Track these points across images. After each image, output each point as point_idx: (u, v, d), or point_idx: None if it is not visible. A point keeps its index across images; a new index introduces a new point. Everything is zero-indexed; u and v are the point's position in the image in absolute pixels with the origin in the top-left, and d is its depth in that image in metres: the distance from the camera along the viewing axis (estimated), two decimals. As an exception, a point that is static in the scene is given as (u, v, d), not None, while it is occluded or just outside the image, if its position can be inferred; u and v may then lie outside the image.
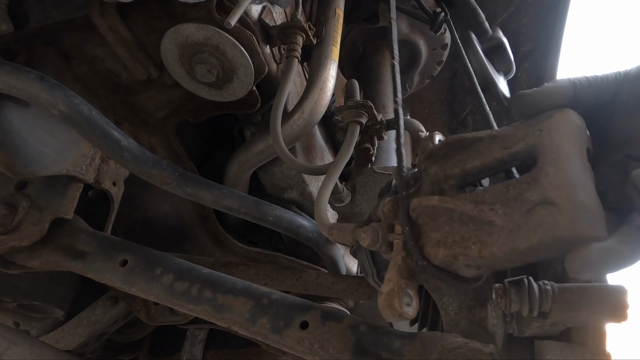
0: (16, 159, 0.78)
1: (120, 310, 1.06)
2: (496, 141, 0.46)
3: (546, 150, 0.41)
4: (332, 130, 1.35)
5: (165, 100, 1.00)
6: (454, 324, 0.63)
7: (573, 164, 0.39)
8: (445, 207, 0.46)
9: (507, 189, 0.42)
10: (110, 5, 0.78)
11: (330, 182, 0.74)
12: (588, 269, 0.37)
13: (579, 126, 0.42)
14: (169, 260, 0.83)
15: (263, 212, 0.99)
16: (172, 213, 1.17)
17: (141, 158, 0.84)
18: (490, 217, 0.42)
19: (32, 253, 0.86)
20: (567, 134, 0.41)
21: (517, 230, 0.40)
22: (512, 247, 0.40)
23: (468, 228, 0.44)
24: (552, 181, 0.39)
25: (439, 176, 0.49)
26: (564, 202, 0.37)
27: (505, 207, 0.42)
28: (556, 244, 0.38)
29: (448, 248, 0.45)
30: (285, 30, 0.95)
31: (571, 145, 0.40)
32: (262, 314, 0.70)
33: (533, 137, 0.43)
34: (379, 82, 1.51)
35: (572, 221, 0.37)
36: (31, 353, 0.82)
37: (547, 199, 0.38)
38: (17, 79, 0.72)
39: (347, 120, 0.86)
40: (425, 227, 0.48)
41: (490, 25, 1.36)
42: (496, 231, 0.41)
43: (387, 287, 0.46)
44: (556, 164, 0.39)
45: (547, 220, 0.38)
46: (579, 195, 0.37)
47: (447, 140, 0.50)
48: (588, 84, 0.46)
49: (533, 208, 0.39)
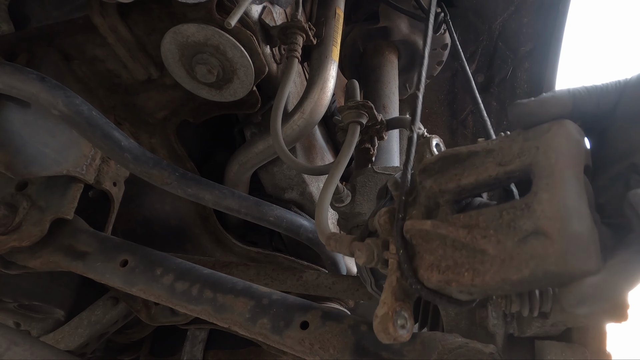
0: (17, 159, 0.78)
1: (121, 310, 1.06)
2: (492, 156, 0.45)
3: (541, 172, 0.40)
4: (332, 130, 1.35)
5: (166, 100, 1.00)
6: (454, 324, 0.63)
7: (568, 189, 0.38)
8: (438, 232, 0.46)
9: (501, 214, 0.42)
10: (110, 5, 0.78)
11: (331, 185, 0.74)
12: (584, 305, 0.37)
13: (577, 141, 0.41)
14: (169, 260, 0.83)
15: (263, 213, 0.99)
16: (172, 213, 1.17)
17: (141, 158, 0.84)
18: (483, 246, 0.42)
19: (32, 253, 0.86)
20: (563, 152, 0.40)
21: (509, 261, 0.39)
22: (504, 278, 0.39)
23: (461, 254, 0.44)
24: (545, 209, 0.38)
25: (434, 190, 0.49)
26: (557, 234, 0.37)
27: (499, 234, 0.41)
28: (548, 277, 0.37)
29: (441, 273, 0.44)
30: (286, 30, 0.95)
31: (567, 167, 0.39)
32: (263, 314, 0.70)
33: (529, 156, 0.42)
34: (380, 82, 1.51)
35: (564, 255, 0.36)
36: (32, 353, 0.82)
37: (539, 229, 0.38)
38: (17, 80, 0.72)
39: (347, 120, 0.86)
40: (419, 248, 0.48)
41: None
42: (489, 260, 0.41)
43: (382, 311, 0.46)
44: (550, 191, 0.38)
45: (539, 252, 0.37)
46: (573, 226, 0.37)
47: (442, 154, 0.50)
48: (587, 94, 0.45)
49: (525, 238, 0.39)
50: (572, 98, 0.45)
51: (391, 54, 1.61)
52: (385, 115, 1.38)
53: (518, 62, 1.70)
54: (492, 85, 1.80)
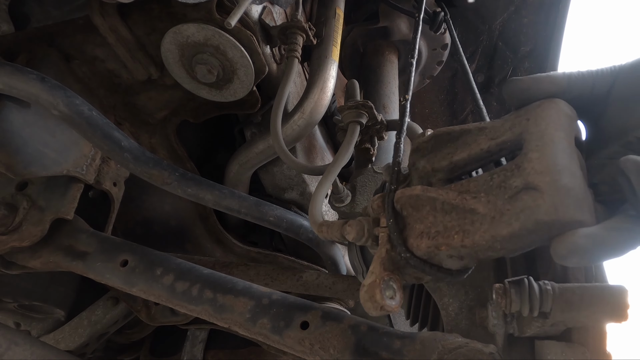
0: (17, 159, 0.78)
1: (121, 310, 1.07)
2: (484, 133, 0.46)
3: (532, 137, 0.40)
4: (332, 130, 1.35)
5: (166, 100, 1.00)
6: (454, 324, 0.63)
7: (558, 149, 0.38)
8: (428, 196, 0.45)
9: (492, 177, 0.42)
10: (110, 5, 0.78)
11: (327, 180, 0.74)
12: (574, 255, 0.36)
13: (567, 115, 0.42)
14: (169, 260, 0.83)
15: (263, 213, 0.99)
16: (172, 213, 1.17)
17: (142, 158, 0.84)
18: (473, 205, 0.41)
19: (32, 253, 0.86)
20: (553, 121, 0.40)
21: (500, 217, 0.39)
22: (494, 235, 0.39)
23: (451, 217, 0.43)
24: (535, 166, 0.38)
25: (427, 169, 0.49)
26: (547, 187, 0.36)
27: (489, 195, 0.41)
28: (539, 229, 0.37)
29: (431, 239, 0.44)
30: (286, 30, 0.95)
31: (557, 131, 0.39)
32: (263, 314, 0.70)
33: (520, 126, 0.42)
34: (379, 82, 1.51)
35: (554, 205, 0.36)
36: (32, 353, 0.82)
37: (530, 184, 0.37)
38: (17, 80, 0.72)
39: (347, 120, 0.86)
40: (409, 219, 0.48)
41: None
42: (478, 219, 0.41)
43: (369, 279, 0.45)
44: (540, 150, 0.38)
45: (530, 205, 0.37)
46: (563, 180, 0.36)
47: (435, 133, 0.50)
48: (582, 76, 0.46)
49: (516, 194, 0.38)
50: (567, 79, 0.46)
51: (391, 54, 1.61)
52: (385, 115, 1.38)
53: (518, 62, 1.70)
54: (492, 85, 1.80)
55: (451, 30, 1.34)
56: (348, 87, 0.95)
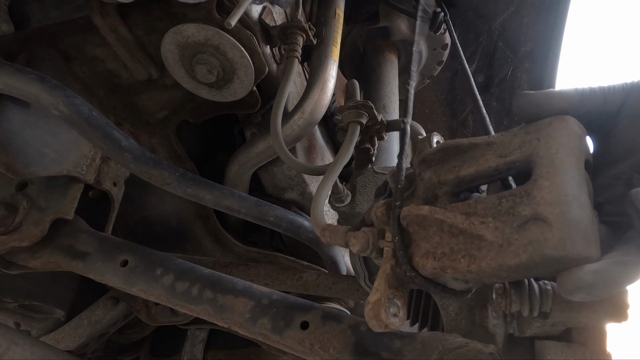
0: (17, 159, 0.78)
1: (121, 310, 1.07)
2: (492, 148, 0.45)
3: (542, 161, 0.40)
4: (332, 130, 1.35)
5: (166, 100, 1.00)
6: (454, 324, 0.63)
7: (568, 178, 0.38)
8: (435, 217, 0.45)
9: (500, 201, 0.41)
10: (110, 5, 0.78)
11: (328, 181, 0.74)
12: (580, 291, 0.36)
13: (578, 135, 0.41)
14: (169, 260, 0.83)
15: (263, 213, 0.99)
16: (172, 213, 1.17)
17: (142, 158, 0.84)
18: (481, 231, 0.41)
19: (32, 253, 0.86)
20: (564, 144, 0.40)
21: (507, 246, 0.39)
22: (501, 264, 0.39)
23: (458, 240, 0.43)
24: (545, 196, 0.37)
25: (433, 181, 0.48)
26: (556, 220, 0.36)
27: (497, 220, 0.40)
28: (546, 263, 0.37)
29: (437, 260, 0.44)
30: (286, 30, 0.95)
31: (568, 157, 0.39)
32: (263, 314, 0.70)
33: (530, 147, 0.42)
34: (380, 82, 1.51)
35: (563, 240, 0.35)
36: (32, 353, 0.82)
37: (539, 215, 0.37)
38: (17, 80, 0.72)
39: (347, 120, 0.86)
40: (415, 235, 0.47)
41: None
42: (486, 246, 0.40)
43: (374, 297, 0.45)
44: (551, 178, 0.38)
45: (538, 237, 0.37)
46: (573, 213, 0.36)
47: (443, 145, 0.49)
48: (594, 93, 0.45)
49: (524, 224, 0.38)
50: (580, 95, 0.45)
51: (391, 54, 1.61)
52: (385, 115, 1.38)
53: (518, 62, 1.70)
54: (492, 85, 1.80)
55: (451, 31, 1.34)
56: (348, 87, 0.95)
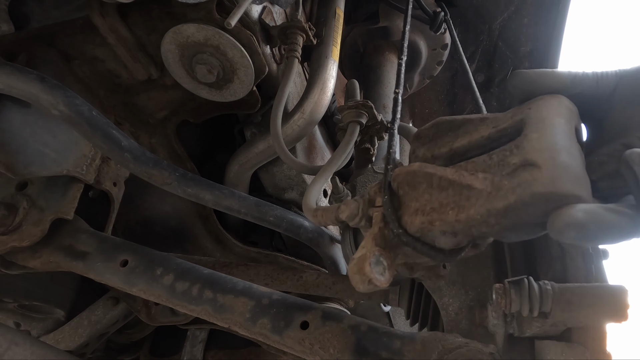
0: (17, 159, 0.78)
1: (121, 310, 1.06)
2: (485, 122, 0.46)
3: (532, 121, 0.41)
4: (332, 130, 1.35)
5: (166, 100, 1.00)
6: (454, 324, 0.63)
7: (558, 131, 0.39)
8: (425, 171, 0.45)
9: (491, 157, 0.42)
10: (110, 5, 0.78)
11: (322, 176, 0.73)
12: (571, 229, 0.34)
13: (568, 108, 0.43)
14: (169, 260, 0.83)
15: (263, 213, 0.99)
16: (172, 213, 1.17)
17: (142, 158, 0.84)
18: (470, 181, 0.41)
19: (32, 253, 0.86)
20: (555, 108, 0.41)
21: (496, 192, 0.39)
22: (489, 208, 0.38)
23: (447, 194, 0.43)
24: (534, 145, 0.38)
25: (426, 157, 0.49)
26: (546, 162, 0.36)
27: (487, 172, 0.41)
28: (536, 201, 0.36)
29: (425, 215, 0.44)
30: (286, 30, 0.95)
31: (558, 117, 0.40)
32: (263, 314, 0.70)
33: (521, 114, 0.43)
34: (380, 82, 1.51)
35: (552, 178, 0.36)
36: (32, 353, 0.82)
37: (528, 160, 0.38)
38: (17, 80, 0.72)
39: (347, 120, 0.86)
40: (405, 197, 0.47)
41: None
42: (475, 194, 0.40)
43: (359, 253, 0.44)
44: (540, 131, 0.39)
45: (527, 178, 0.37)
46: (562, 157, 0.37)
47: (437, 121, 0.50)
48: (586, 76, 0.47)
49: (514, 171, 0.38)
50: (572, 76, 0.47)
51: (391, 54, 1.61)
52: (385, 115, 1.38)
53: (518, 62, 1.70)
54: (492, 85, 1.80)
55: (451, 30, 1.34)
56: (348, 87, 0.95)
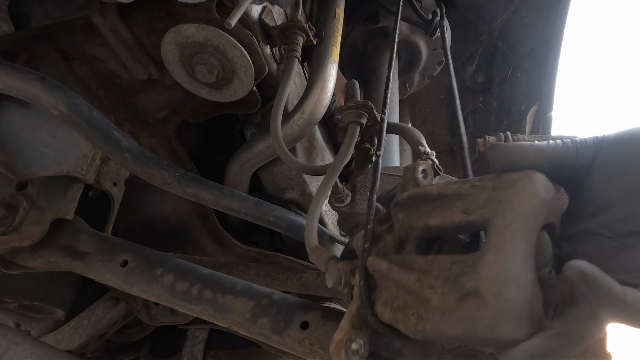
0: (17, 159, 0.78)
1: (121, 310, 1.06)
2: (460, 201, 0.46)
3: (494, 231, 0.41)
4: (332, 130, 1.35)
5: (166, 100, 1.00)
6: (454, 324, 0.63)
7: (514, 255, 0.39)
8: (391, 276, 0.48)
9: (451, 266, 0.43)
10: (110, 5, 0.78)
11: (325, 189, 0.74)
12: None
13: (540, 200, 0.41)
14: (169, 260, 0.83)
15: (263, 213, 0.99)
16: (172, 213, 1.17)
17: (142, 158, 0.84)
18: (429, 296, 0.43)
19: (32, 253, 0.86)
20: (521, 213, 0.40)
21: (448, 315, 0.41)
22: (441, 331, 0.41)
23: (410, 298, 0.45)
24: (487, 272, 0.39)
25: (405, 224, 0.51)
26: (492, 300, 0.37)
27: (445, 286, 0.42)
28: (477, 341, 0.39)
29: (392, 311, 0.47)
30: (286, 30, 0.95)
31: (520, 230, 0.40)
32: (263, 314, 0.70)
33: (489, 210, 0.43)
34: (380, 82, 1.51)
35: (493, 322, 0.37)
36: (32, 353, 0.82)
37: (478, 291, 0.39)
38: (17, 80, 0.72)
39: (347, 120, 0.86)
40: (379, 282, 0.51)
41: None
42: (431, 310, 0.42)
43: (338, 336, 0.51)
44: (497, 253, 0.39)
45: (473, 314, 0.38)
46: (509, 293, 0.37)
47: (413, 192, 0.52)
48: (566, 147, 0.46)
49: (466, 296, 0.40)
50: (552, 150, 0.46)
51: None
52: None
53: (518, 62, 1.70)
54: (492, 85, 1.80)
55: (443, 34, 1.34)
56: (348, 87, 0.95)
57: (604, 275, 0.38)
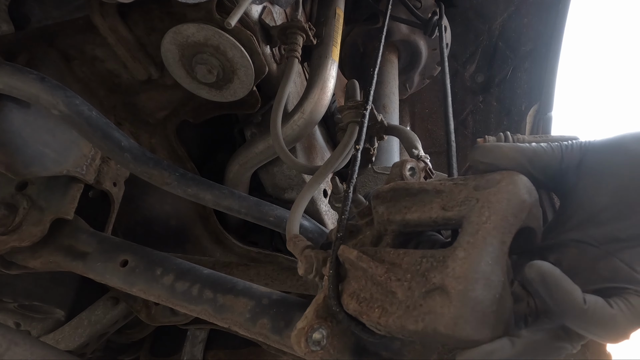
0: (17, 159, 0.78)
1: (121, 310, 1.06)
2: (440, 197, 0.46)
3: (469, 228, 0.40)
4: (332, 130, 1.35)
5: (166, 100, 1.00)
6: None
7: (485, 253, 0.37)
8: (360, 265, 0.47)
9: (422, 260, 0.42)
10: (110, 5, 0.78)
11: (317, 180, 0.74)
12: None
13: (521, 202, 0.40)
14: (169, 260, 0.83)
15: (263, 213, 0.99)
16: (172, 213, 1.17)
17: (142, 158, 0.84)
18: (394, 288, 0.42)
19: (32, 253, 0.86)
20: (498, 212, 0.39)
21: (412, 310, 0.40)
22: (403, 325, 0.40)
23: (377, 290, 0.45)
24: (456, 268, 0.38)
25: (383, 217, 0.50)
26: (457, 296, 0.36)
27: (412, 280, 0.41)
28: (438, 338, 0.37)
29: (358, 303, 0.46)
30: (286, 30, 0.95)
31: (494, 229, 0.39)
32: (263, 314, 0.70)
33: (467, 207, 0.42)
34: (380, 83, 1.51)
35: (455, 319, 0.36)
36: (32, 353, 0.82)
37: (445, 286, 0.38)
38: (17, 80, 0.72)
39: (347, 120, 0.86)
40: (349, 272, 0.50)
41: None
42: (396, 303, 0.42)
43: (301, 324, 0.49)
44: (468, 250, 0.38)
45: (437, 310, 0.37)
46: (476, 292, 0.36)
47: (394, 185, 0.51)
48: (550, 150, 0.46)
49: (431, 291, 0.39)
50: (533, 151, 0.46)
51: (391, 54, 1.61)
52: (385, 115, 1.38)
53: (518, 62, 1.70)
54: (492, 85, 1.80)
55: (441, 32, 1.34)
56: (348, 87, 0.95)
57: (564, 279, 0.37)
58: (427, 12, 1.49)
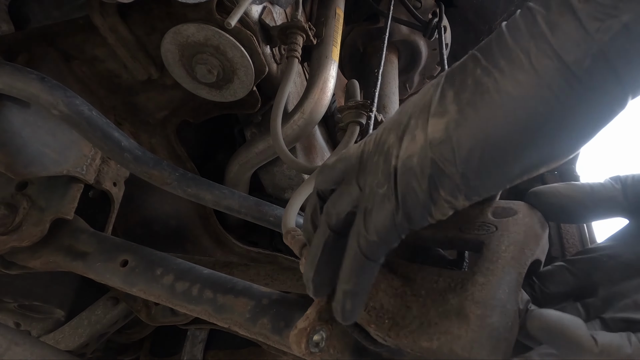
0: (16, 159, 0.78)
1: (121, 310, 1.06)
2: (457, 217, 0.46)
3: (488, 255, 0.41)
4: (332, 130, 1.35)
5: (166, 100, 1.00)
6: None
7: (504, 282, 0.39)
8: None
9: (438, 279, 0.43)
10: (110, 5, 0.78)
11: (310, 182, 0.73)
12: None
13: (535, 235, 0.42)
14: (169, 260, 0.83)
15: (264, 213, 0.99)
16: (172, 213, 1.17)
17: (142, 158, 0.84)
18: (409, 304, 0.43)
19: (32, 253, 0.86)
20: (517, 243, 0.41)
21: (426, 327, 0.40)
22: (415, 341, 0.40)
23: (389, 302, 0.45)
24: (475, 293, 0.39)
25: None
26: (475, 321, 0.37)
27: (428, 297, 0.42)
28: (453, 358, 0.38)
29: (367, 312, 0.45)
30: (286, 30, 0.95)
31: (513, 259, 0.40)
32: (263, 314, 0.70)
33: (485, 234, 0.43)
34: (380, 83, 1.51)
35: (472, 343, 0.36)
36: (32, 353, 0.82)
37: (463, 309, 0.38)
38: (17, 80, 0.72)
39: (347, 120, 0.87)
40: None
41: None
42: (409, 317, 0.42)
43: (302, 325, 0.48)
44: (488, 277, 0.39)
45: (454, 331, 0.38)
46: (493, 318, 0.37)
47: None
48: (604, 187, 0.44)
49: (447, 313, 0.39)
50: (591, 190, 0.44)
51: (391, 54, 1.61)
52: (385, 115, 1.38)
53: (518, 62, 1.69)
54: (492, 85, 1.79)
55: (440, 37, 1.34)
56: (348, 87, 0.95)
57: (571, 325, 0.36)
58: (427, 12, 1.48)
